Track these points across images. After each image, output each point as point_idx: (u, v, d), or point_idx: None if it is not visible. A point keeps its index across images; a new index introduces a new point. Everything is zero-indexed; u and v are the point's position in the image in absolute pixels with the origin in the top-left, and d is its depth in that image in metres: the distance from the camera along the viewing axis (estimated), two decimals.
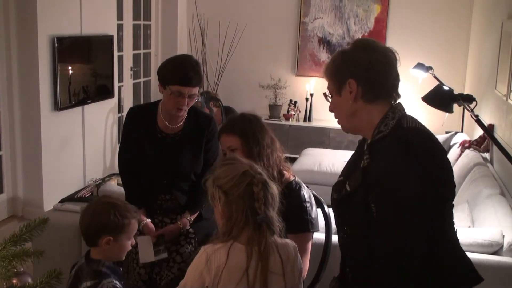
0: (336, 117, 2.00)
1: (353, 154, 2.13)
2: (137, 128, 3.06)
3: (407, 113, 1.92)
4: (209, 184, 2.10)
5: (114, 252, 2.33)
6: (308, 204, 2.66)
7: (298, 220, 2.64)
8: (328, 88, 1.98)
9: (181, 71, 2.87)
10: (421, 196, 1.74)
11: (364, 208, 1.83)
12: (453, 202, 1.90)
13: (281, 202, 2.11)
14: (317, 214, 2.74)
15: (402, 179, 1.73)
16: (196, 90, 2.91)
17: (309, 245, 2.68)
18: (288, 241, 2.15)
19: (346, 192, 1.93)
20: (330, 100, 1.99)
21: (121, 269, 2.43)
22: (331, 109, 1.99)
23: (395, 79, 1.91)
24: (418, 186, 1.73)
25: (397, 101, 1.94)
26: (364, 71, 1.86)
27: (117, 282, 2.27)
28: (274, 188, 2.07)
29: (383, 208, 1.78)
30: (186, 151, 3.02)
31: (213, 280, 1.96)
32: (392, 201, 1.75)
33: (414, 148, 1.76)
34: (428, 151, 1.79)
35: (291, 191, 2.65)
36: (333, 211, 2.10)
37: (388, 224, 1.77)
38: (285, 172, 2.72)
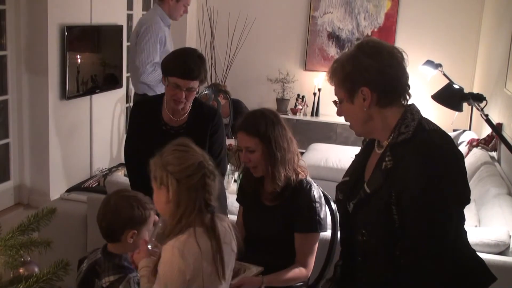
0: (348, 122, 1.97)
1: (358, 155, 2.11)
2: (142, 120, 3.07)
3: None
4: (156, 165, 2.07)
5: (136, 245, 2.29)
6: (317, 204, 2.65)
7: (306, 220, 2.64)
8: (337, 94, 1.94)
9: (180, 63, 2.87)
10: (452, 198, 1.75)
11: (384, 210, 1.82)
12: None
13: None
14: (326, 214, 2.74)
15: (435, 182, 1.73)
16: (195, 84, 2.89)
17: (316, 246, 2.68)
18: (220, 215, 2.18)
19: (365, 193, 1.91)
20: (339, 106, 1.95)
21: None
22: (340, 114, 1.97)
23: (406, 79, 1.89)
24: (448, 188, 1.74)
25: (412, 98, 1.94)
26: (376, 78, 1.83)
27: None
28: (218, 177, 2.11)
29: (410, 214, 1.77)
30: None
31: (193, 272, 1.94)
32: (425, 204, 1.74)
33: (442, 152, 1.76)
34: (454, 154, 1.80)
35: (301, 190, 2.65)
36: (339, 212, 2.09)
37: (421, 227, 1.76)
38: (300, 173, 2.71)
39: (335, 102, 1.97)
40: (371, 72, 1.83)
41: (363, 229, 1.94)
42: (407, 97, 1.91)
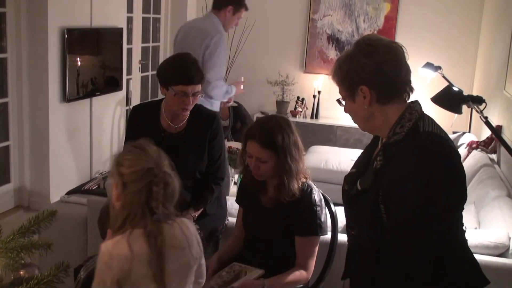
0: (352, 119, 1.98)
1: (367, 147, 2.11)
2: (140, 127, 3.07)
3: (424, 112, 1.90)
4: (114, 160, 2.07)
5: None
6: (318, 208, 2.65)
7: (307, 223, 2.64)
8: (340, 93, 1.95)
9: (182, 70, 2.89)
10: (438, 203, 1.73)
11: (373, 208, 1.83)
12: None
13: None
14: (327, 217, 2.74)
15: (416, 187, 1.72)
16: (199, 87, 2.93)
17: (316, 249, 2.68)
18: (182, 218, 2.15)
19: (356, 190, 1.93)
20: (343, 104, 1.96)
21: None
22: (346, 111, 1.97)
23: (406, 74, 1.88)
24: (431, 194, 1.72)
25: (413, 98, 1.92)
26: (374, 77, 1.83)
27: None
28: (175, 184, 2.06)
29: (394, 214, 1.78)
30: (190, 150, 3.01)
31: (121, 273, 1.94)
32: (404, 208, 1.75)
33: (429, 156, 1.74)
34: (445, 158, 1.78)
35: (301, 193, 2.65)
36: (343, 203, 2.09)
37: (398, 229, 1.77)
38: (303, 178, 2.71)
39: (338, 100, 1.97)
40: (368, 71, 1.83)
41: (353, 223, 1.97)
42: (410, 92, 1.90)
